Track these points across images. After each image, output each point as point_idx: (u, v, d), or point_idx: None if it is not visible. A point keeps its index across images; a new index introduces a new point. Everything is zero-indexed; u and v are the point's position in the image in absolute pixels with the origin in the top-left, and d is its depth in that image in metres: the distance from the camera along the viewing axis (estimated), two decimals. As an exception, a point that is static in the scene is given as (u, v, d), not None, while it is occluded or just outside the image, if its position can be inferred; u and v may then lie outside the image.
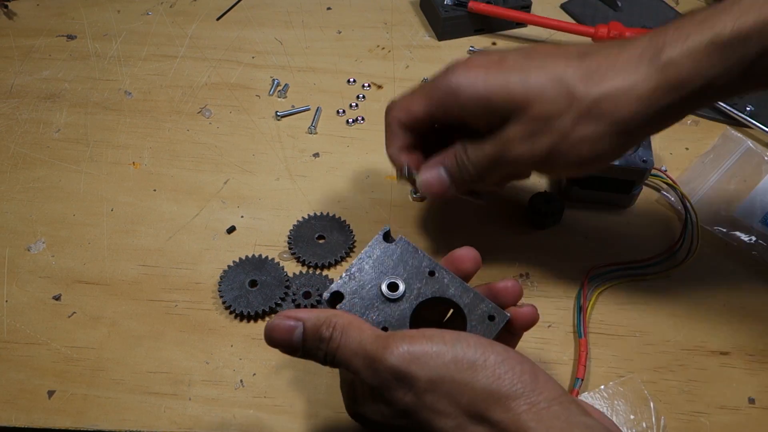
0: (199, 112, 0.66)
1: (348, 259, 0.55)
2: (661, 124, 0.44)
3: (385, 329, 0.39)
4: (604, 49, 0.43)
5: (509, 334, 0.41)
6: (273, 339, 0.39)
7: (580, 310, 0.52)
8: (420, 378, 0.34)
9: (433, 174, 0.47)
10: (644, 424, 0.47)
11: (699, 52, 0.40)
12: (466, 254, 0.42)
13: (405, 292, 0.40)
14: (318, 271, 0.54)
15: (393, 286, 0.40)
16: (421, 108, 0.46)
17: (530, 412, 0.33)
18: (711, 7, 0.41)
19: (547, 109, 0.42)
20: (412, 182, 0.49)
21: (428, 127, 0.48)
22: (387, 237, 0.43)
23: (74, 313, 0.52)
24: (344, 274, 0.41)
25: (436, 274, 0.41)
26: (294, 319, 0.38)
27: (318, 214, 0.57)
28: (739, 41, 0.39)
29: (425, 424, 0.35)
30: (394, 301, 0.40)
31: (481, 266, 0.43)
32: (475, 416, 0.33)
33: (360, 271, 0.41)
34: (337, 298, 0.41)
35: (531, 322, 0.41)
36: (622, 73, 0.41)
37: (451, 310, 0.43)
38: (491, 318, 0.40)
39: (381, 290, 0.40)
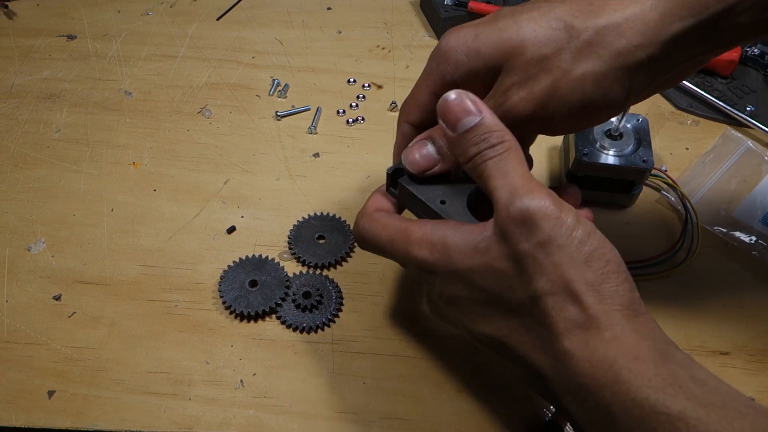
0: (199, 112, 0.66)
1: (348, 258, 0.55)
2: (674, 59, 0.38)
3: (443, 202, 0.41)
4: None
5: None
6: (448, 109, 0.38)
7: (580, 310, 0.52)
8: (542, 233, 0.34)
9: (417, 149, 0.42)
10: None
11: None
12: None
13: (463, 172, 0.42)
14: (318, 271, 0.54)
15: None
16: (426, 91, 0.43)
17: (622, 312, 0.34)
18: None
19: (543, 49, 0.38)
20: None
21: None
22: None
23: (74, 313, 0.52)
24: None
25: None
26: (478, 107, 0.38)
27: (318, 214, 0.57)
28: None
29: (529, 276, 0.35)
30: (455, 182, 0.42)
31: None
32: (570, 293, 0.34)
33: None
34: (398, 174, 0.43)
35: None
36: (626, 2, 0.37)
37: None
38: None
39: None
